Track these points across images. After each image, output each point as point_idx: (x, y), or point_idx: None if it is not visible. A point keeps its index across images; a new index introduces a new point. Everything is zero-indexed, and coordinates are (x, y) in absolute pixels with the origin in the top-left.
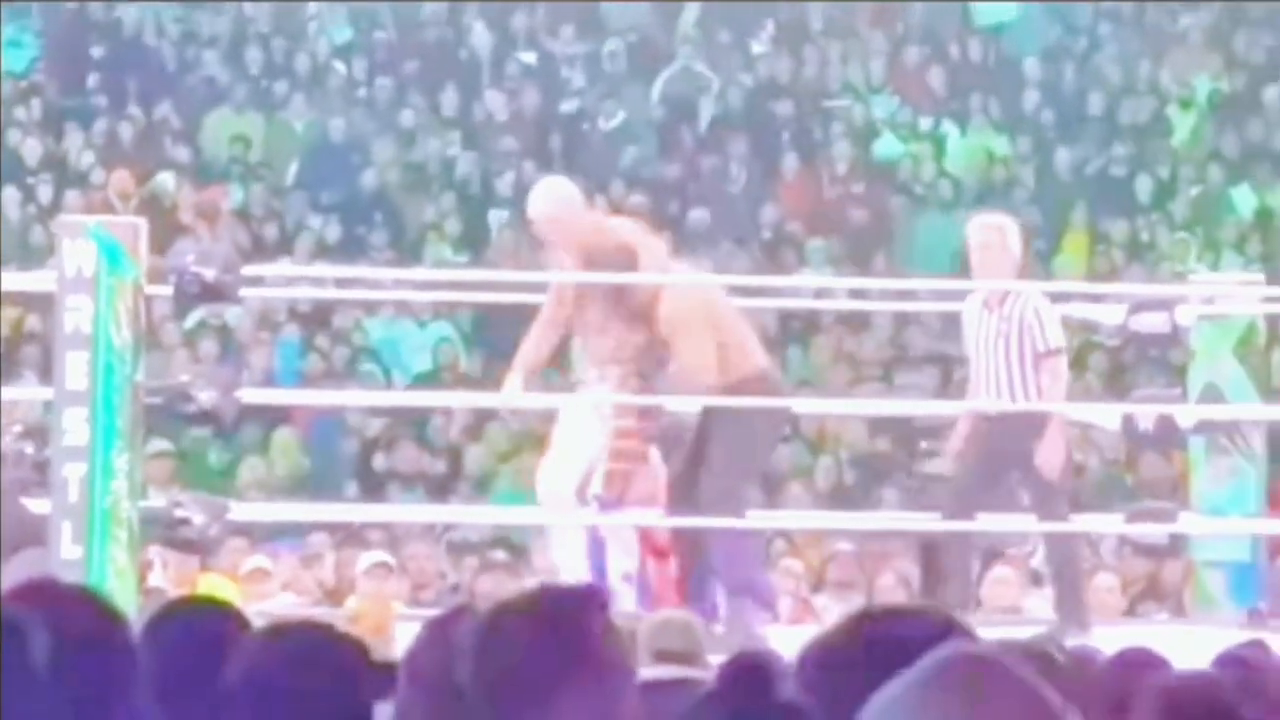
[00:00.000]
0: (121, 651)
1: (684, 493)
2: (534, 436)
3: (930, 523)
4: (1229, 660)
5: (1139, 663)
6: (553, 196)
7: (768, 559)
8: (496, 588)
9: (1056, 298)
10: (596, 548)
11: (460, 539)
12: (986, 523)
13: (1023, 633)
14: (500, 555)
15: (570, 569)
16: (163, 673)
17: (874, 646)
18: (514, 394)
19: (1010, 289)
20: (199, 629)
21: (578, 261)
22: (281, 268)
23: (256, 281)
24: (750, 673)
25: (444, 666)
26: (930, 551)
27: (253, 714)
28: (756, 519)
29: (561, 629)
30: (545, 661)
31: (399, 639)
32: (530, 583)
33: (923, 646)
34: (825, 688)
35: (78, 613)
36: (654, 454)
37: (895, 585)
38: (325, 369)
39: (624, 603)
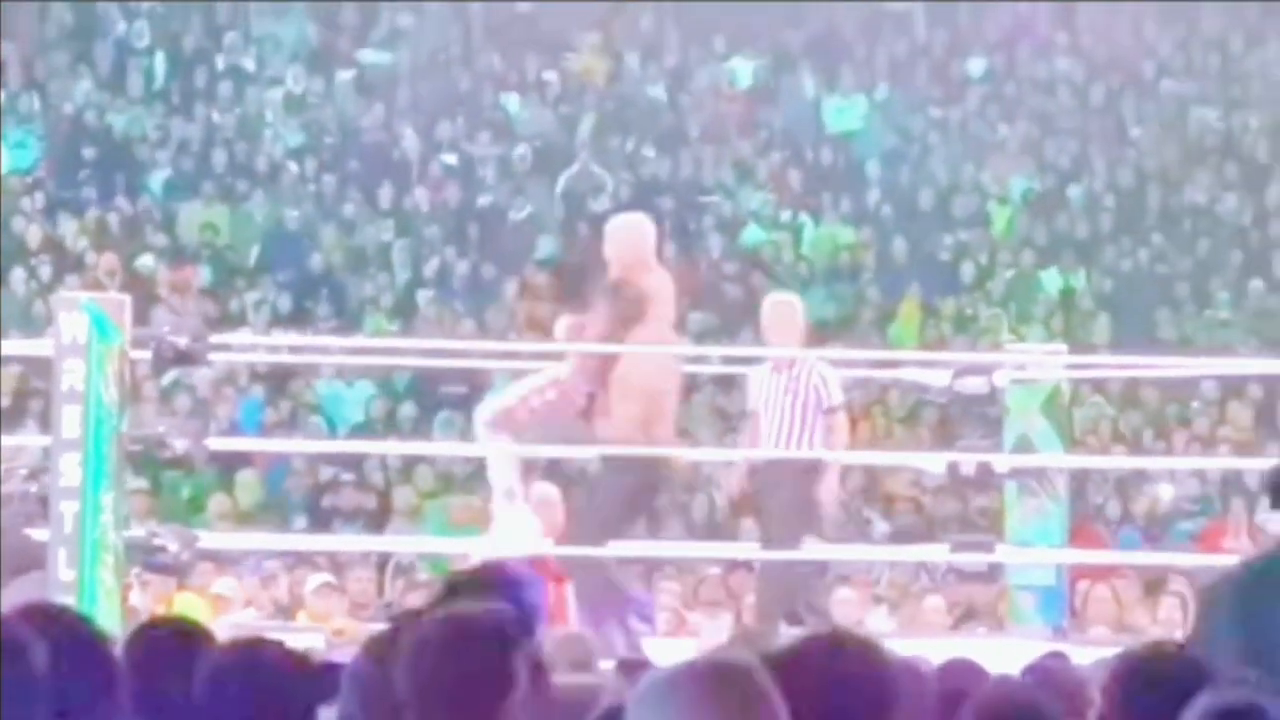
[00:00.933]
0: (105, 666)
1: (577, 526)
2: (455, 478)
3: (753, 551)
4: (1035, 669)
5: (962, 671)
6: (634, 226)
7: (649, 583)
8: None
9: (893, 364)
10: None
11: (395, 564)
12: (814, 550)
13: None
14: (425, 576)
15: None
16: (140, 682)
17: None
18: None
19: (797, 356)
20: (171, 643)
21: (613, 273)
22: (242, 336)
23: (222, 347)
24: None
25: (382, 679)
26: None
27: (215, 717)
28: (636, 547)
29: (485, 645)
30: (471, 676)
31: None
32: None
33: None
34: None
35: (69, 632)
36: (553, 491)
37: None
38: (279, 420)
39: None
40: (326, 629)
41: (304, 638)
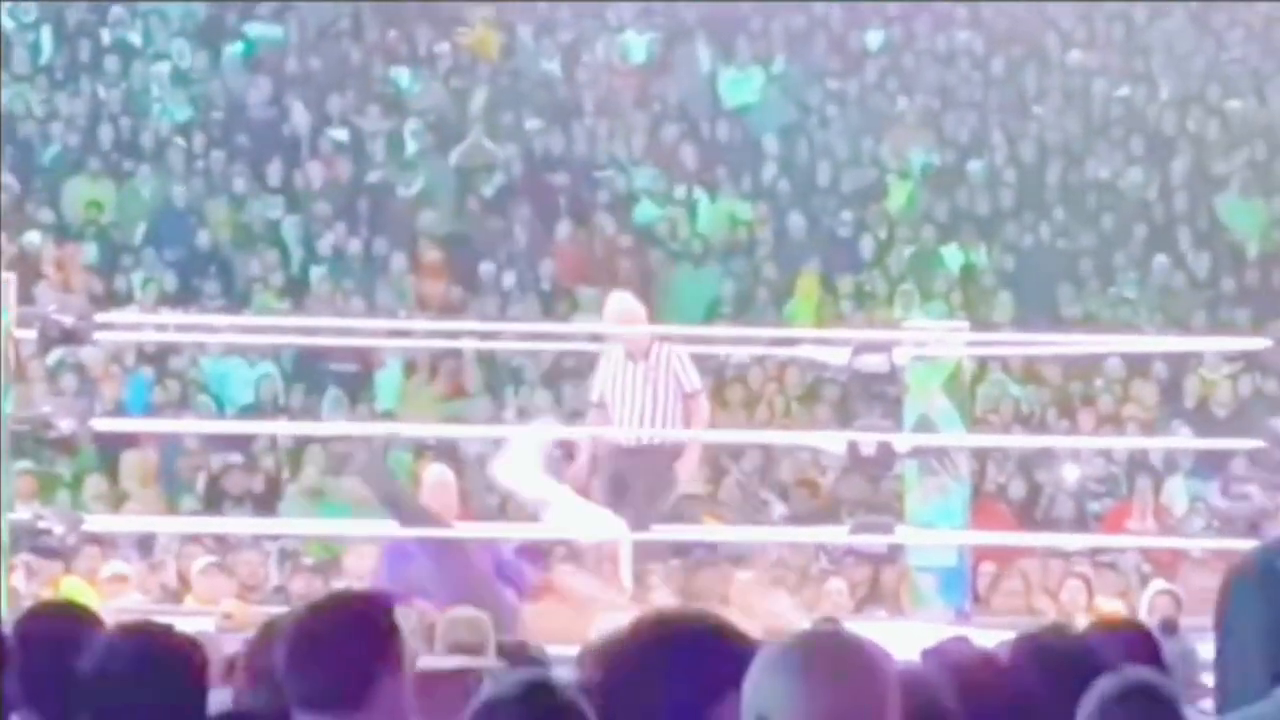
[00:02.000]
0: None
1: None
2: (345, 460)
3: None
4: (934, 654)
5: None
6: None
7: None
8: (308, 588)
9: (790, 341)
10: None
11: (285, 547)
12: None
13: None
14: (312, 560)
15: None
16: (27, 666)
17: (650, 646)
18: None
19: (654, 344)
20: (60, 627)
21: None
22: (129, 315)
23: (108, 326)
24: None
25: (270, 663)
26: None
27: (103, 700)
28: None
29: (359, 631)
30: (346, 659)
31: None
32: (338, 585)
33: (696, 644)
34: (604, 682)
35: None
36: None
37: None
38: (168, 400)
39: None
40: (216, 612)
41: (193, 621)
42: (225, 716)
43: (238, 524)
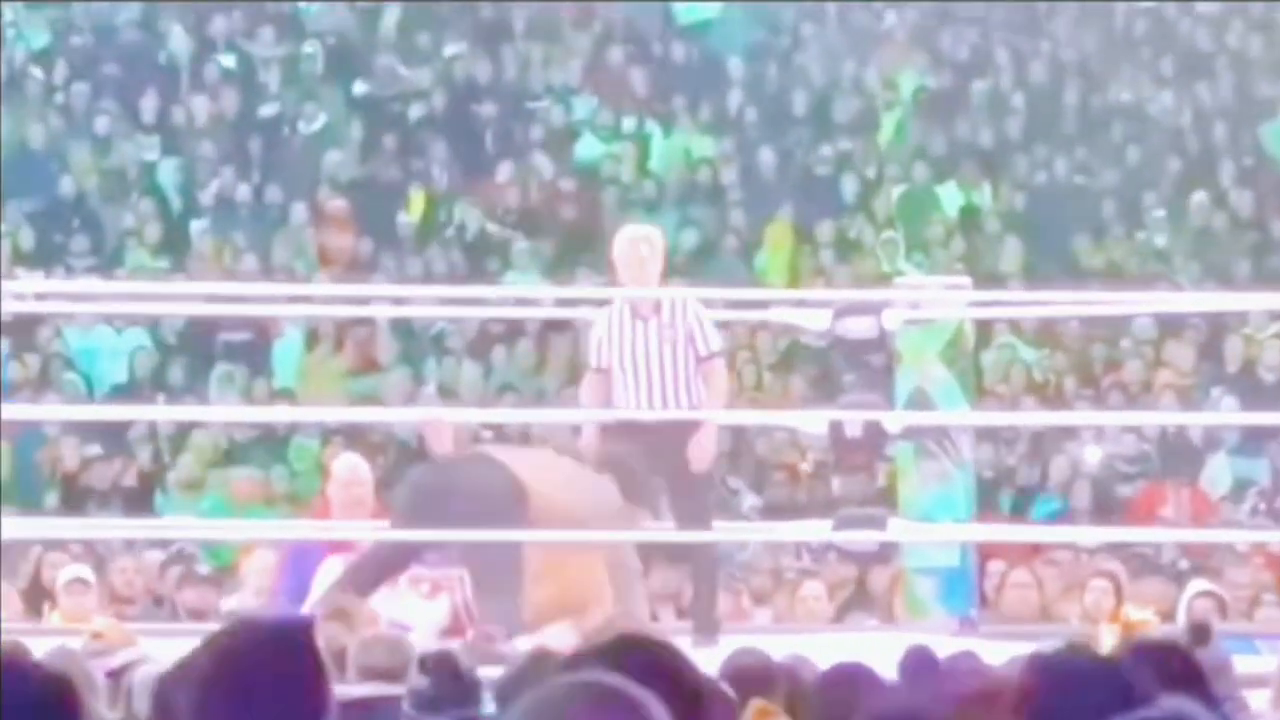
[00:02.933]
0: None
1: None
2: (237, 447)
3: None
4: (928, 675)
5: (847, 678)
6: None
7: None
8: (201, 601)
9: (761, 302)
10: None
11: (176, 551)
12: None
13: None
14: (205, 569)
15: None
16: None
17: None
18: None
19: (664, 298)
20: None
21: None
22: None
23: None
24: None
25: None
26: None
27: None
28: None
29: (283, 674)
30: (250, 693)
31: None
32: (233, 598)
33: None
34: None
35: None
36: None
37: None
38: (27, 379)
39: None
40: (85, 631)
41: (58, 643)
42: None
43: (113, 526)
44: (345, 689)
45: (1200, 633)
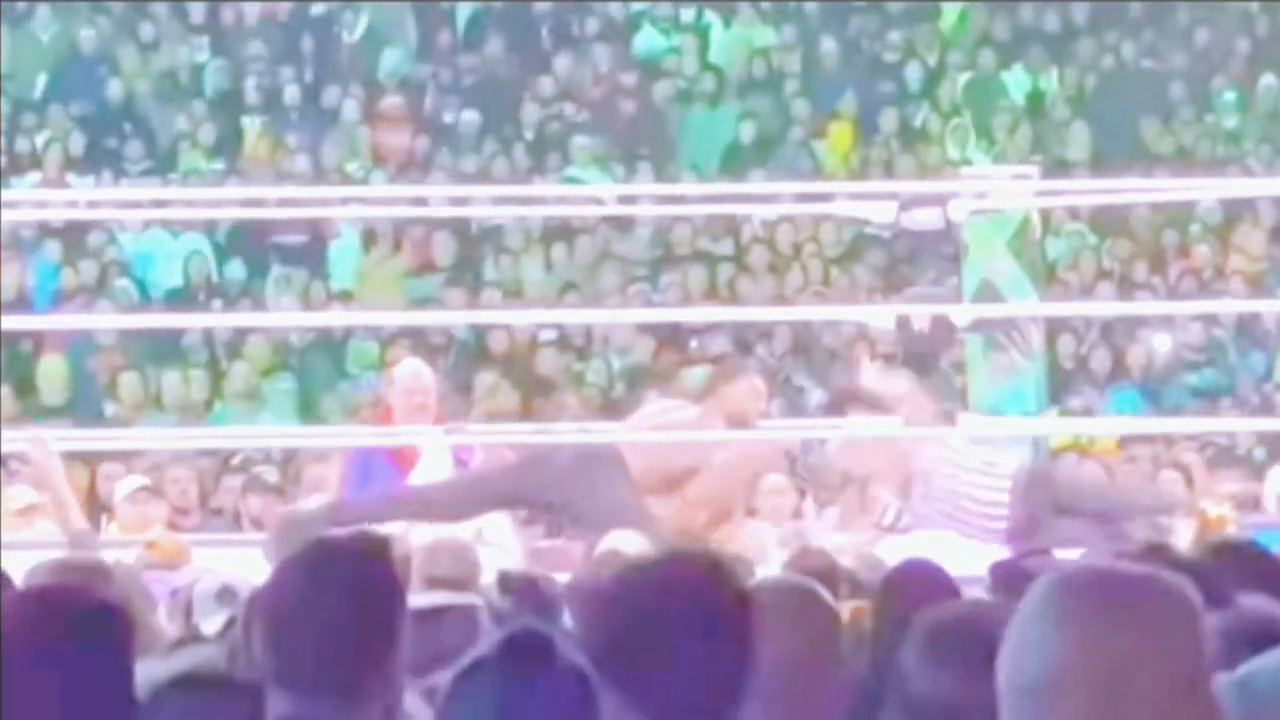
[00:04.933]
0: None
1: None
2: (294, 351)
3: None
4: (1007, 574)
5: (917, 578)
6: None
7: None
8: (265, 510)
9: (825, 195)
10: None
11: (229, 461)
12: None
13: None
14: (268, 475)
15: None
16: None
17: (637, 590)
18: None
19: None
20: None
21: None
22: (31, 190)
23: (13, 205)
24: (527, 639)
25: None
26: None
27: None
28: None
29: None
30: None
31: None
32: (301, 502)
33: (685, 588)
34: (601, 634)
35: None
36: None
37: None
38: (80, 286)
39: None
40: (141, 542)
41: (117, 554)
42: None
43: (173, 436)
44: (413, 598)
45: None
